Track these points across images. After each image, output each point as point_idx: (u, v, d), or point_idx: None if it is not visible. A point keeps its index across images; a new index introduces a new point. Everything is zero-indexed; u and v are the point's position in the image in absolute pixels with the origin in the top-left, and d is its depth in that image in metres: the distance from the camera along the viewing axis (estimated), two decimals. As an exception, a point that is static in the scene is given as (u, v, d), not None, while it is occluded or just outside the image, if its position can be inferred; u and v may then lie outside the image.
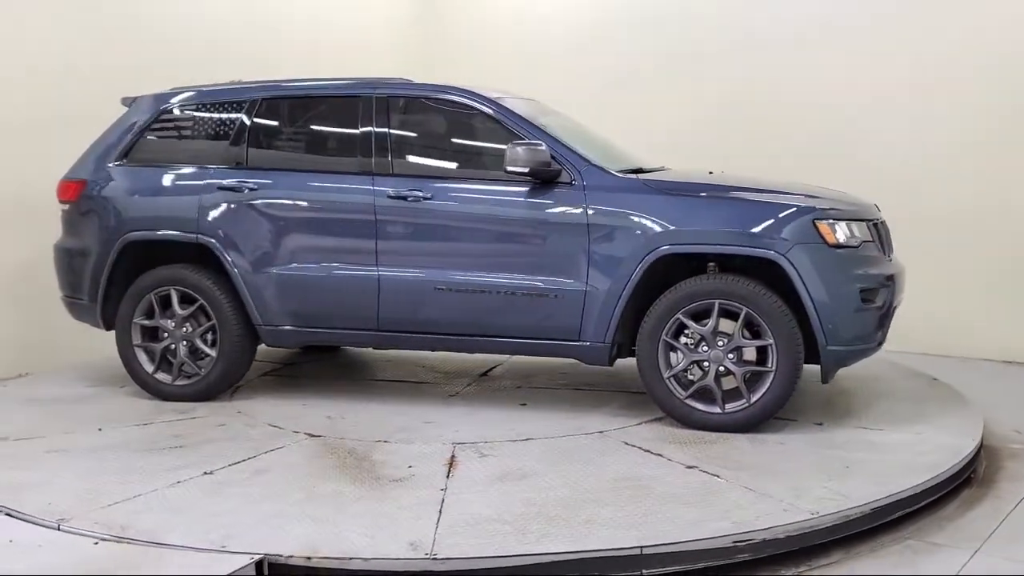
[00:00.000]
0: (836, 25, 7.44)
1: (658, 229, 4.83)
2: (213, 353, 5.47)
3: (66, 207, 5.79)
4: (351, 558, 3.31)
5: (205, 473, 4.23)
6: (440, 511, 3.74)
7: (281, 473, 4.24)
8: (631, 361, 5.12)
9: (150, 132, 5.70)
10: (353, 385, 6.04)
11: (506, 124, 5.15)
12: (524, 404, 5.49)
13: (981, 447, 4.76)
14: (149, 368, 5.57)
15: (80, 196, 5.69)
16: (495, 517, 3.66)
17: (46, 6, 6.60)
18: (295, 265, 5.31)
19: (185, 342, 5.51)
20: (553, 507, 3.78)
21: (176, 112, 5.71)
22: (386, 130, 5.30)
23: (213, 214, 5.39)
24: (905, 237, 5.43)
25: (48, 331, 6.56)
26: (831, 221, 4.77)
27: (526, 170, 4.89)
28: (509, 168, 4.90)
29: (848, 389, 5.65)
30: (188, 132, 5.74)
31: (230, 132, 5.53)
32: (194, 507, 3.80)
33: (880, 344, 4.94)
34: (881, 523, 3.85)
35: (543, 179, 4.98)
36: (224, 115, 5.58)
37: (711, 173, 5.37)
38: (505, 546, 3.38)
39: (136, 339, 5.57)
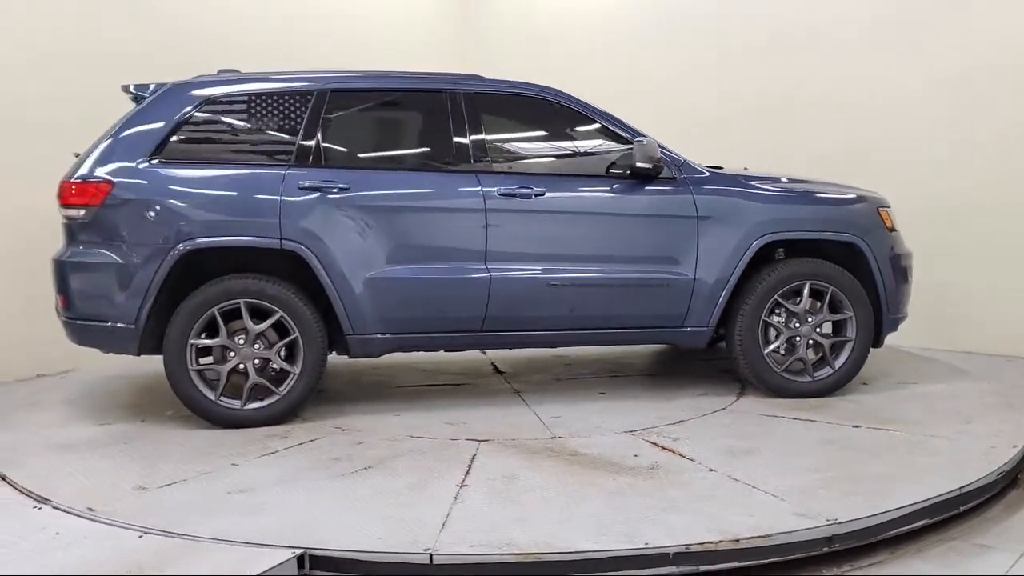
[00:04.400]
0: (855, 26, 7.63)
1: (761, 219, 5.32)
2: (295, 370, 4.96)
3: (80, 213, 4.86)
4: (775, 534, 3.43)
5: (459, 486, 3.97)
6: (754, 487, 3.92)
7: (535, 476, 4.09)
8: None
9: (189, 125, 4.99)
10: (400, 392, 5.81)
11: (604, 124, 5.32)
12: (603, 393, 5.68)
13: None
14: (210, 394, 4.90)
15: (106, 199, 4.82)
16: (816, 485, 3.93)
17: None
18: (395, 268, 5.00)
19: (256, 360, 4.94)
20: (848, 470, 4.13)
21: (222, 103, 5.05)
22: (482, 127, 5.19)
23: (297, 216, 4.89)
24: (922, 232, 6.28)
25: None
26: (887, 209, 5.60)
27: (650, 166, 5.12)
28: (638, 164, 5.10)
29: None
30: (243, 125, 5.09)
31: (297, 126, 5.03)
32: (535, 516, 3.60)
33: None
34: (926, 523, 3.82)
35: (652, 175, 5.22)
36: (287, 107, 5.05)
37: (745, 169, 5.93)
38: (877, 504, 3.69)
39: (192, 363, 4.88)
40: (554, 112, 5.37)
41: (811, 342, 5.43)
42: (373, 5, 8.87)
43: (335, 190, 4.93)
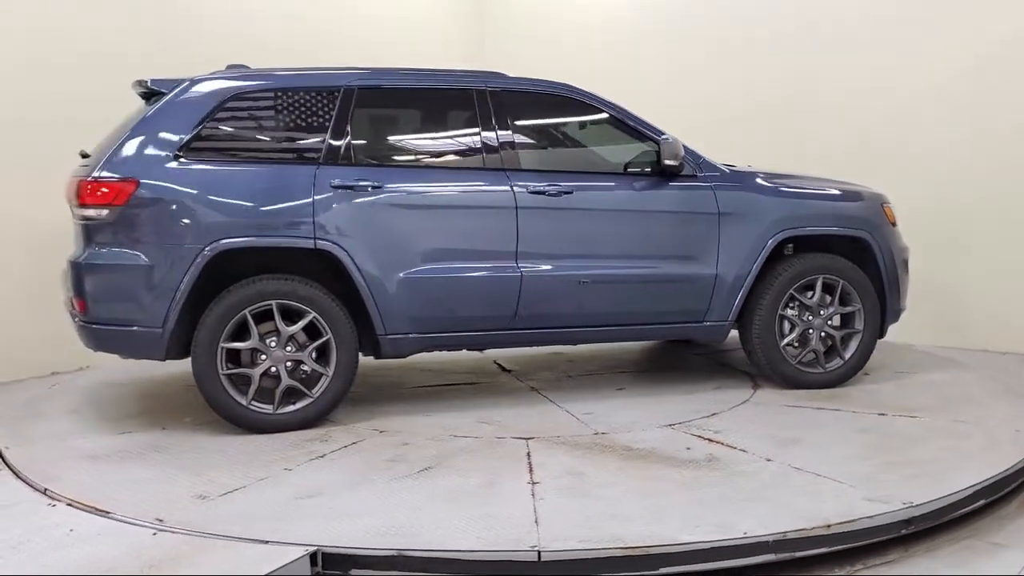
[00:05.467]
0: (856, 25, 7.61)
1: (780, 215, 5.46)
2: (328, 372, 4.87)
3: (102, 213, 4.66)
4: (858, 519, 3.53)
5: (531, 484, 3.97)
6: (818, 474, 4.03)
7: (599, 472, 4.11)
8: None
9: (215, 122, 4.83)
10: (418, 392, 5.76)
11: (626, 122, 5.37)
12: (621, 389, 5.74)
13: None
14: (241, 398, 4.77)
15: (130, 199, 4.64)
16: (874, 471, 4.07)
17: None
18: (428, 267, 4.96)
19: (288, 363, 4.83)
20: (895, 455, 4.28)
21: (249, 99, 4.92)
22: (509, 125, 5.18)
23: (331, 216, 4.80)
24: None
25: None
26: (889, 205, 5.81)
27: (676, 163, 5.20)
28: (666, 162, 5.17)
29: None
30: (271, 122, 4.97)
31: (326, 123, 4.93)
32: (623, 510, 3.63)
33: (904, 305, 6.07)
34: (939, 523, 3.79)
35: (675, 172, 5.30)
36: (315, 104, 4.95)
37: (749, 167, 6.06)
38: (940, 487, 3.82)
39: (222, 366, 4.74)
40: (576, 110, 5.41)
41: (822, 334, 5.59)
42: (378, 4, 8.76)
43: (367, 188, 4.86)
